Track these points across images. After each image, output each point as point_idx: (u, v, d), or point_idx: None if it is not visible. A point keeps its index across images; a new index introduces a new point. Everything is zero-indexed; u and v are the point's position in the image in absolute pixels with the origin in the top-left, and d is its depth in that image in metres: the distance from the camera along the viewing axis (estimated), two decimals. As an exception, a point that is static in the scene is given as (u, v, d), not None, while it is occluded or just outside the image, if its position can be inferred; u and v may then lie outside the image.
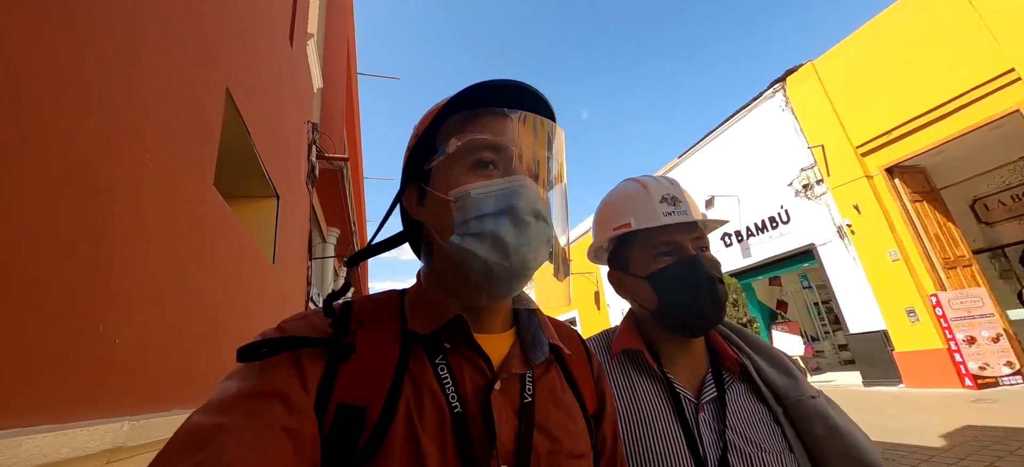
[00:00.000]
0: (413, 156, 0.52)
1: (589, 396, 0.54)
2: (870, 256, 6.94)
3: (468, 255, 0.45)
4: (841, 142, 7.43)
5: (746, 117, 9.39)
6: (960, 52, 6.00)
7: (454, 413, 0.42)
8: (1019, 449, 3.53)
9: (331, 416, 0.38)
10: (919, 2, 6.50)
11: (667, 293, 0.71)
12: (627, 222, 0.76)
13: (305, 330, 0.43)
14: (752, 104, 9.25)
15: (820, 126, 7.79)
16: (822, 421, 0.66)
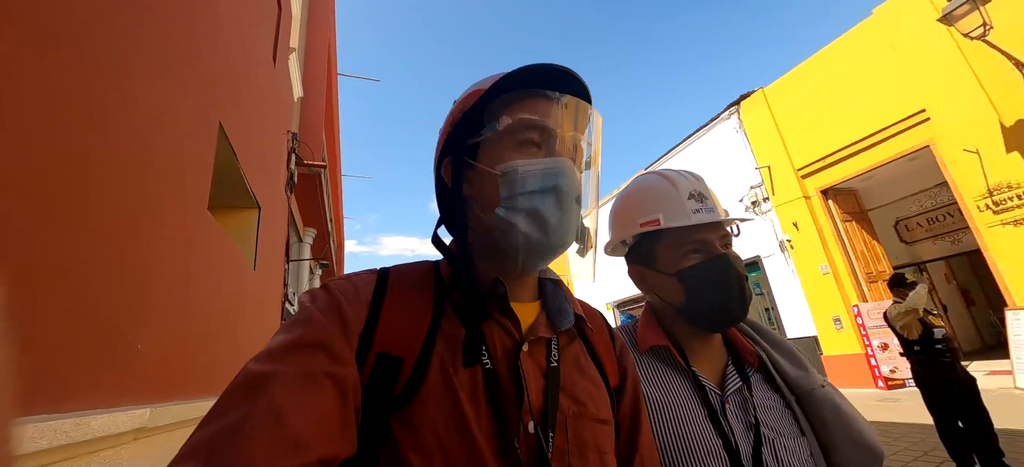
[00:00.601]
0: (455, 131, 0.53)
1: (611, 370, 0.56)
2: (805, 269, 7.69)
3: (510, 227, 0.48)
4: (785, 164, 8.16)
5: (705, 135, 10.09)
6: (884, 91, 6.76)
7: (486, 369, 0.44)
8: (905, 437, 4.20)
9: (371, 364, 0.42)
10: (851, 45, 7.26)
11: (697, 291, 0.72)
12: (656, 218, 0.75)
13: (348, 287, 0.46)
14: (711, 124, 9.95)
15: (767, 148, 8.52)
16: (831, 408, 0.70)
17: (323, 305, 0.43)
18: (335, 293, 0.45)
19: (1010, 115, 5.53)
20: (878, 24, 6.88)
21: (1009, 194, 5.49)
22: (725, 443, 0.65)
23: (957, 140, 5.96)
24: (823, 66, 7.70)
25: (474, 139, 0.52)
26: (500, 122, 0.50)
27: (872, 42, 6.92)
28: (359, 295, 0.45)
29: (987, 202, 5.66)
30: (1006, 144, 5.53)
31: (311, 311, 0.42)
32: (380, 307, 0.44)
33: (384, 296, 0.46)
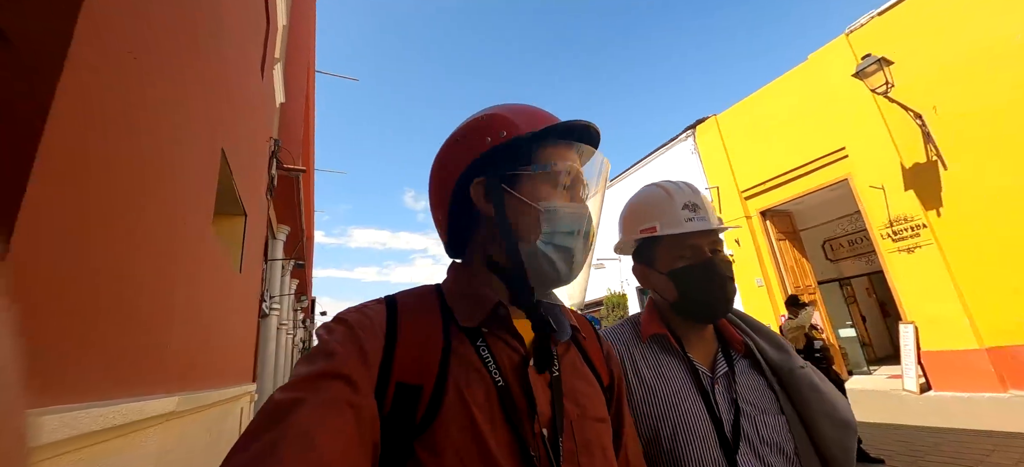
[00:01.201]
0: (499, 153, 0.56)
1: (602, 371, 0.62)
2: (743, 282, 8.58)
3: (545, 260, 0.53)
4: (731, 186, 9.04)
5: (665, 153, 10.91)
6: (814, 128, 7.68)
7: (498, 386, 0.48)
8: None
9: (391, 394, 0.44)
10: (789, 84, 8.17)
11: (686, 289, 0.82)
12: (653, 226, 0.86)
13: (364, 320, 0.48)
14: (670, 143, 10.78)
15: (717, 170, 9.38)
16: (809, 386, 0.78)
17: (342, 337, 0.45)
18: (353, 326, 0.47)
19: (909, 159, 6.49)
20: (811, 68, 7.79)
21: (905, 226, 6.45)
22: (712, 417, 0.75)
23: (867, 176, 6.91)
24: (766, 100, 8.60)
25: (516, 170, 0.55)
26: (549, 164, 0.55)
27: (806, 84, 7.83)
28: (374, 327, 0.47)
29: (888, 231, 6.62)
30: (905, 183, 6.49)
31: (331, 344, 0.45)
32: (395, 338, 0.47)
33: (397, 326, 0.48)
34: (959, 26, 6.04)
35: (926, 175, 6.30)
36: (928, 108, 6.27)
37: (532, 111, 0.58)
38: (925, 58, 6.32)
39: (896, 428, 4.57)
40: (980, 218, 5.79)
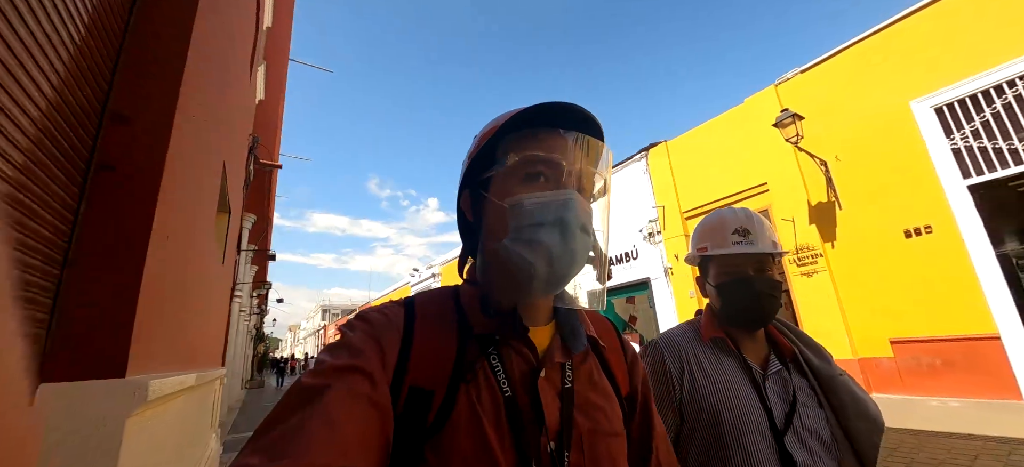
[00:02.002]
0: (473, 165, 0.58)
1: (622, 380, 0.61)
2: (680, 292, 9.65)
3: (517, 258, 0.50)
4: (674, 207, 10.09)
5: (621, 171, 11.87)
6: (745, 162, 8.81)
7: (506, 397, 0.48)
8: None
9: (404, 396, 0.45)
10: (728, 122, 9.29)
11: (727, 300, 0.97)
12: (705, 246, 1.02)
13: (383, 321, 0.50)
14: (627, 162, 11.74)
15: (664, 191, 10.42)
16: (846, 391, 0.91)
17: (364, 335, 0.47)
18: (374, 325, 0.48)
19: (814, 198, 7.69)
20: (746, 110, 8.92)
21: (807, 254, 7.64)
22: (764, 407, 0.87)
23: (781, 210, 8.08)
24: (709, 133, 9.69)
25: (487, 174, 0.56)
26: (509, 158, 0.53)
27: (741, 123, 8.95)
28: (393, 329, 0.49)
29: (795, 258, 7.81)
30: (809, 218, 7.69)
31: (353, 339, 0.46)
32: (411, 342, 0.48)
33: (413, 331, 0.49)
34: (860, 91, 7.26)
35: (826, 213, 7.51)
36: (832, 157, 7.48)
37: (509, 112, 0.56)
38: (833, 114, 7.52)
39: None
40: (861, 252, 7.03)
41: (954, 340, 6.01)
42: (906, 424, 4.86)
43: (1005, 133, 5.93)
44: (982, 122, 6.12)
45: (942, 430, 4.51)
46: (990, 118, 6.06)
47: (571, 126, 0.55)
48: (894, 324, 6.58)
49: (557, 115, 0.54)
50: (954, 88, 6.30)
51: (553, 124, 0.54)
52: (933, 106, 6.52)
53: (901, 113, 6.76)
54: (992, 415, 4.93)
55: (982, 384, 5.73)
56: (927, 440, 4.25)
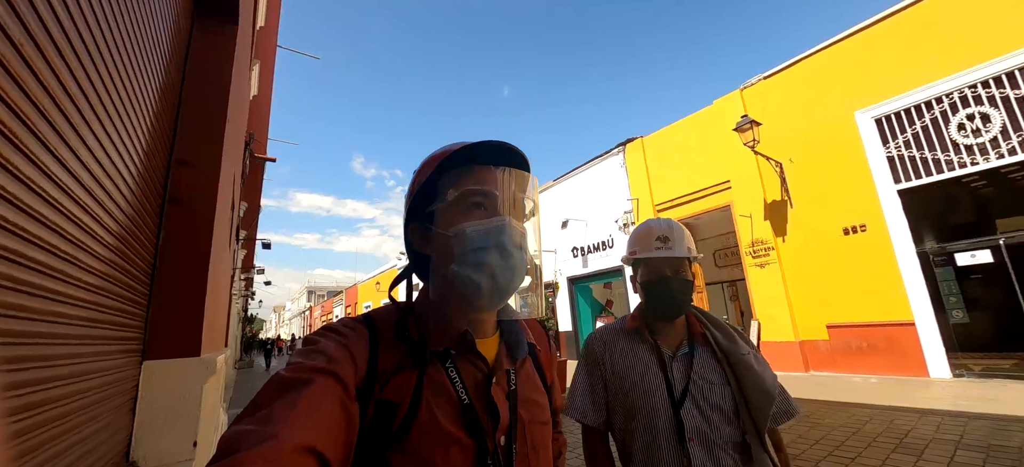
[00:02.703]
0: (416, 200, 0.64)
1: (549, 374, 0.74)
2: (650, 280, 10.41)
3: (465, 278, 0.57)
4: (647, 199, 10.77)
5: (599, 164, 12.48)
6: (711, 161, 9.49)
7: (463, 404, 0.55)
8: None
9: (372, 409, 0.51)
10: (698, 122, 9.93)
11: (648, 297, 1.16)
12: (635, 250, 1.20)
13: (353, 336, 0.55)
14: (605, 156, 12.34)
15: (639, 184, 11.08)
16: (746, 367, 1.07)
17: (336, 345, 0.51)
18: (347, 339, 0.53)
19: (770, 196, 8.43)
20: (714, 112, 9.56)
21: (761, 247, 8.42)
22: (667, 383, 1.08)
23: (741, 206, 8.82)
24: (681, 131, 10.33)
25: (430, 207, 0.63)
26: (449, 194, 0.60)
27: (709, 123, 9.59)
28: (361, 345, 0.54)
29: (750, 251, 8.58)
30: (764, 214, 8.44)
31: (328, 347, 0.51)
32: (377, 359, 0.53)
33: (378, 346, 0.55)
34: (814, 99, 7.94)
35: (779, 210, 8.27)
36: (786, 158, 8.19)
37: (444, 149, 0.63)
38: (790, 118, 8.20)
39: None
40: (807, 246, 7.83)
41: (878, 325, 6.87)
42: (830, 397, 5.68)
43: (931, 144, 6.70)
44: (913, 134, 6.88)
45: (855, 401, 5.33)
46: (920, 130, 6.81)
47: (500, 161, 0.63)
48: (831, 311, 7.43)
49: (488, 152, 0.62)
50: (892, 101, 7.02)
51: (486, 160, 0.62)
52: (874, 116, 7.25)
53: (847, 122, 7.48)
54: (899, 389, 5.79)
55: (898, 363, 6.62)
56: (839, 408, 5.05)
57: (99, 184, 1.25)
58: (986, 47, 6.17)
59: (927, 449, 3.51)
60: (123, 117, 1.41)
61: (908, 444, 3.67)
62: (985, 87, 6.24)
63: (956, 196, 7.13)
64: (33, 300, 0.88)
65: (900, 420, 4.39)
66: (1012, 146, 5.95)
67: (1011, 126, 5.98)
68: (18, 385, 0.89)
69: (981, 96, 6.27)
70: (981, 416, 4.30)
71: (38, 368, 0.97)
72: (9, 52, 0.71)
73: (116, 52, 1.24)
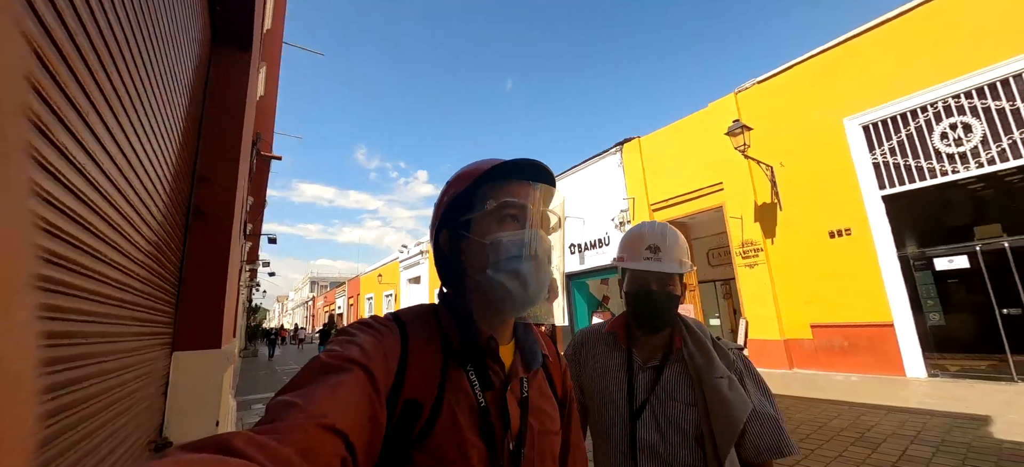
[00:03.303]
0: (450, 209, 0.67)
1: (558, 386, 0.75)
2: (644, 278, 10.68)
3: (498, 285, 0.61)
4: (643, 198, 11.00)
5: (597, 163, 12.70)
6: (704, 162, 9.70)
7: (481, 407, 0.58)
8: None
9: (400, 408, 0.53)
10: (693, 124, 10.14)
11: (631, 307, 1.14)
12: (622, 257, 1.17)
13: (387, 333, 0.57)
14: (603, 154, 12.56)
15: (635, 184, 11.31)
16: (714, 391, 1.02)
17: (373, 342, 0.53)
18: (381, 337, 0.56)
19: (760, 199, 8.66)
20: (709, 114, 9.76)
21: (750, 248, 8.67)
22: (630, 393, 1.09)
23: (732, 208, 9.05)
24: (677, 132, 10.53)
25: (466, 216, 0.66)
26: (488, 204, 0.64)
27: (704, 125, 9.79)
28: (394, 345, 0.56)
29: (740, 251, 8.83)
30: (755, 216, 8.68)
31: (364, 341, 0.53)
32: (407, 360, 0.56)
33: (408, 347, 0.57)
34: (805, 104, 8.13)
35: (768, 212, 8.50)
36: (777, 162, 8.41)
37: (482, 163, 0.67)
38: (782, 123, 8.40)
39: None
40: (794, 248, 8.07)
41: (859, 326, 7.13)
42: (807, 393, 5.96)
43: (915, 152, 6.90)
44: (898, 141, 7.08)
45: (829, 398, 5.61)
46: (904, 138, 7.02)
47: (534, 177, 0.67)
48: (815, 311, 7.69)
49: (522, 169, 0.66)
50: (879, 109, 7.22)
51: (521, 176, 0.67)
52: (861, 123, 7.45)
53: (835, 128, 7.68)
54: (875, 387, 6.06)
55: (877, 363, 6.89)
56: (812, 404, 5.33)
57: (143, 203, 1.53)
58: (971, 58, 6.35)
59: (884, 443, 3.79)
60: (159, 141, 1.68)
61: (868, 438, 3.95)
62: (968, 98, 6.43)
63: (937, 203, 7.33)
64: (95, 304, 1.16)
65: (867, 416, 4.67)
66: (992, 156, 6.16)
67: (991, 136, 6.19)
68: (90, 377, 1.18)
69: (964, 106, 6.46)
70: (942, 414, 4.58)
71: (102, 362, 1.26)
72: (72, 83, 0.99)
73: (152, 84, 1.51)
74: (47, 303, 0.84)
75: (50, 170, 0.81)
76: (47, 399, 0.88)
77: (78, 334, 1.03)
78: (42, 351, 0.82)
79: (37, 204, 0.74)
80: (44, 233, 0.82)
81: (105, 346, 1.26)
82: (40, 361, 0.55)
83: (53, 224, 0.85)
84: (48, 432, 0.90)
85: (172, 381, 2.07)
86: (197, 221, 2.30)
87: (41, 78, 0.74)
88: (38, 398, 0.53)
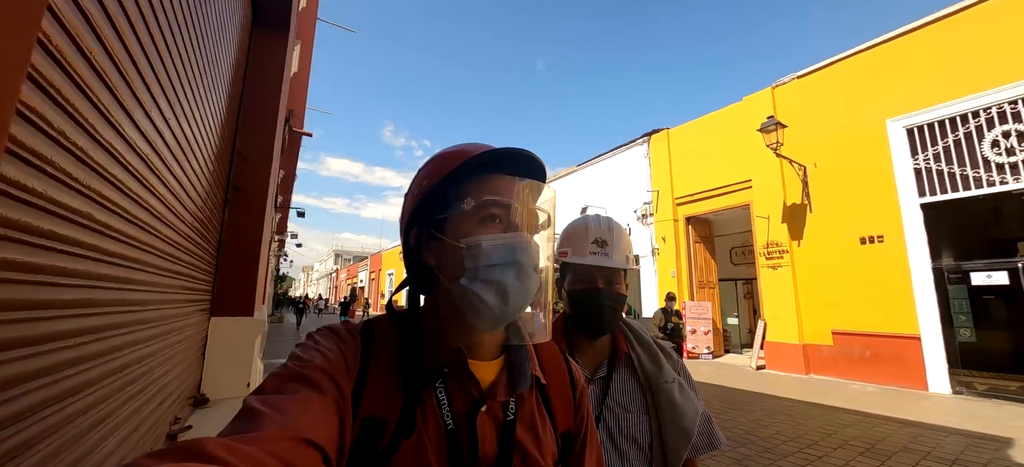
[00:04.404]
0: (423, 203, 0.58)
1: (562, 416, 0.63)
2: (662, 271, 10.60)
3: (474, 297, 0.52)
4: (667, 192, 10.84)
5: (623, 153, 12.53)
6: (734, 158, 9.45)
7: (448, 429, 0.52)
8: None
9: (359, 427, 0.48)
10: (725, 118, 9.86)
11: (575, 307, 1.02)
12: (566, 251, 1.04)
13: (348, 344, 0.53)
14: (629, 144, 12.37)
15: (661, 176, 11.13)
16: (666, 398, 0.96)
17: (335, 350, 0.51)
18: (345, 345, 0.53)
19: (790, 199, 8.41)
20: (743, 108, 9.45)
21: (775, 249, 8.47)
22: None
23: (760, 206, 8.82)
24: (707, 126, 10.26)
25: (442, 215, 0.56)
26: (467, 202, 0.55)
27: (737, 120, 9.50)
28: (354, 355, 0.52)
29: (764, 251, 8.64)
30: (782, 216, 8.44)
31: (329, 348, 0.50)
32: (366, 375, 0.51)
33: (369, 363, 0.52)
34: (846, 103, 7.78)
35: (798, 213, 8.26)
36: (811, 162, 8.12)
37: (456, 151, 0.58)
38: (819, 121, 8.08)
39: (738, 391, 6.68)
40: (822, 251, 7.84)
41: (884, 336, 6.93)
42: (820, 400, 5.89)
43: (961, 159, 6.55)
44: (944, 146, 6.72)
45: (843, 406, 5.53)
46: (951, 144, 6.65)
47: (519, 171, 0.58)
48: (838, 317, 7.50)
49: (508, 160, 0.58)
50: (926, 112, 6.85)
51: (506, 168, 0.58)
52: (905, 126, 7.09)
53: (877, 128, 7.33)
54: (893, 399, 5.93)
55: (898, 374, 6.70)
56: (825, 411, 5.28)
57: (190, 183, 1.68)
58: (1032, 62, 5.93)
59: (894, 456, 3.75)
60: (206, 124, 1.83)
61: (878, 450, 3.91)
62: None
63: (980, 214, 6.97)
64: (153, 276, 1.31)
65: (880, 428, 4.60)
66: (1046, 168, 5.80)
67: (1047, 147, 5.80)
68: (150, 337, 1.34)
69: (1020, 113, 6.07)
70: (961, 432, 4.46)
71: (157, 326, 1.42)
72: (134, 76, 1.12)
73: (201, 71, 1.64)
74: (117, 275, 0.98)
75: (119, 159, 0.94)
76: (116, 356, 1.03)
77: (139, 302, 1.18)
78: (116, 317, 0.97)
79: (107, 187, 0.87)
80: (112, 213, 0.95)
81: (160, 312, 1.42)
82: (114, 326, 0.66)
83: (119, 206, 0.98)
84: (119, 382, 1.06)
85: (209, 344, 2.27)
86: (235, 196, 2.47)
87: (108, 71, 0.85)
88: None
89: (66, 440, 0.77)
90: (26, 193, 0.57)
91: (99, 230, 0.81)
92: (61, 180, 0.66)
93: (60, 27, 0.62)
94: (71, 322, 0.74)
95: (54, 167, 0.63)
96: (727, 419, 5.00)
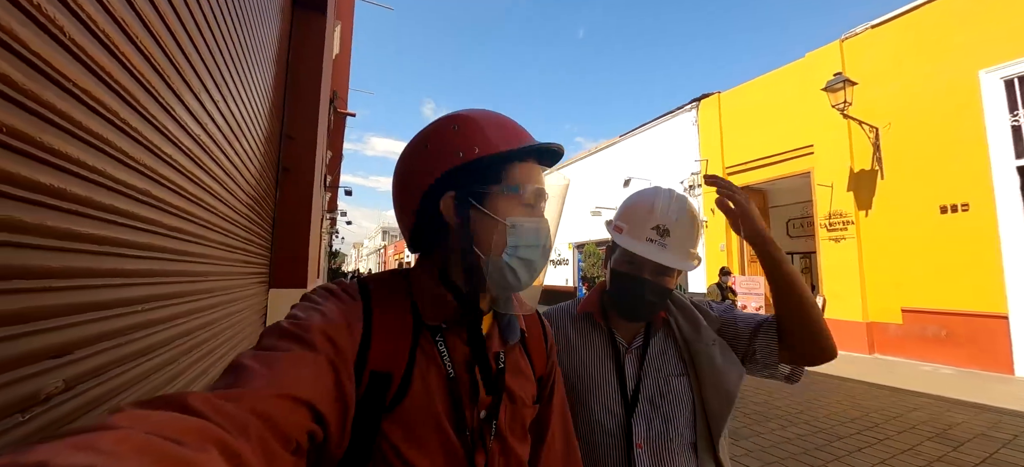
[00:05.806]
0: (463, 171, 0.59)
1: (539, 363, 0.73)
2: (711, 244, 10.14)
3: (508, 271, 0.59)
4: (717, 160, 10.24)
5: (669, 120, 11.92)
6: (793, 122, 8.71)
7: (449, 378, 0.58)
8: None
9: (366, 380, 0.52)
10: (784, 78, 9.06)
11: (614, 288, 1.00)
12: (622, 227, 0.98)
13: (350, 301, 0.56)
14: (677, 111, 11.74)
15: (710, 144, 10.51)
16: (708, 361, 0.93)
17: (336, 310, 0.52)
18: (345, 305, 0.55)
19: (858, 165, 7.67)
20: (805, 66, 8.63)
21: (838, 220, 7.81)
22: (619, 380, 0.96)
23: (822, 174, 8.13)
24: (763, 88, 9.49)
25: (484, 188, 0.59)
26: (520, 186, 0.60)
27: (797, 80, 8.70)
28: (356, 312, 0.55)
29: (826, 223, 8.00)
30: (848, 184, 7.74)
31: (329, 308, 0.52)
32: (371, 332, 0.54)
33: (372, 317, 0.55)
34: (927, 54, 6.90)
35: (866, 180, 7.53)
36: (884, 122, 7.32)
37: (501, 126, 0.61)
38: (894, 76, 7.24)
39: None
40: (893, 222, 7.14)
41: (962, 314, 6.28)
42: (885, 381, 5.48)
43: (1074, 113, 5.64)
44: (1052, 99, 5.82)
45: (910, 388, 5.12)
46: (1062, 95, 5.74)
47: (554, 162, 0.67)
48: (908, 293, 6.87)
49: (551, 154, 0.65)
50: (1031, 59, 5.93)
51: (543, 160, 0.66)
52: (1003, 77, 6.19)
53: (967, 82, 6.46)
54: (971, 383, 5.40)
55: (977, 357, 6.08)
56: (888, 393, 4.91)
57: (244, 164, 1.79)
58: None
59: (969, 443, 3.44)
60: (256, 109, 1.93)
61: (949, 435, 3.60)
62: None
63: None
64: (215, 250, 1.42)
65: (953, 412, 4.23)
66: None
67: None
68: (215, 305, 1.46)
69: None
70: (1056, 421, 4.01)
71: (221, 295, 1.55)
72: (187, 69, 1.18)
73: (249, 59, 1.72)
74: (176, 248, 1.07)
75: (171, 138, 1.00)
76: (184, 321, 1.14)
77: (200, 274, 1.29)
78: (178, 287, 1.07)
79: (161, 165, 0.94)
80: (180, 196, 1.03)
81: (221, 282, 1.55)
82: (178, 295, 0.71)
83: (186, 190, 1.07)
84: (186, 345, 1.18)
85: (268, 314, 2.46)
86: (285, 177, 2.61)
87: (155, 54, 0.91)
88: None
89: (142, 394, 0.87)
90: (88, 171, 0.63)
91: (156, 205, 0.89)
92: (119, 159, 0.72)
93: (109, 16, 0.66)
94: (136, 290, 0.82)
95: (112, 147, 0.69)
96: (776, 395, 4.79)
